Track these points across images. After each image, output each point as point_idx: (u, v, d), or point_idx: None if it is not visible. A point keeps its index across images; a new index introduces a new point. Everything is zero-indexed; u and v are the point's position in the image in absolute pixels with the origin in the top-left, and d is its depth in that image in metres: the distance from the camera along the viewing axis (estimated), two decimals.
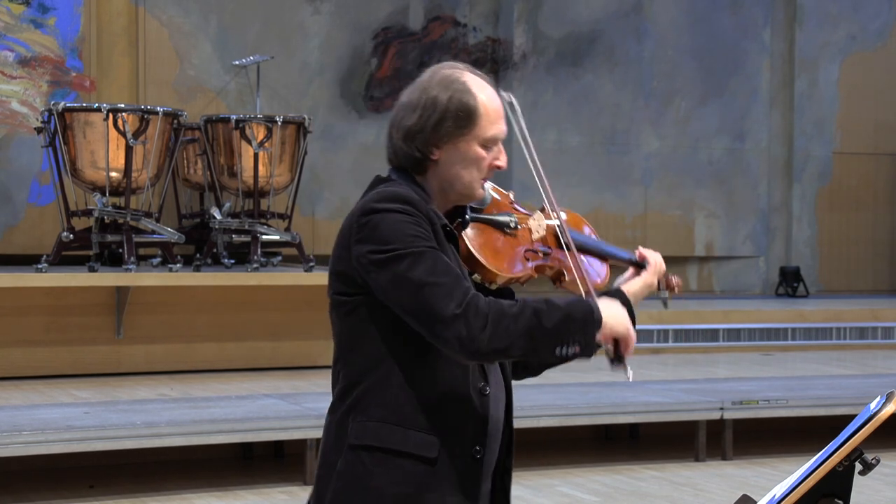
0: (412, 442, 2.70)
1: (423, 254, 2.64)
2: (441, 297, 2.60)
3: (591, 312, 2.71)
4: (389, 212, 2.68)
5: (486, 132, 2.78)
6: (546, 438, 7.96)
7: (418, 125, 2.76)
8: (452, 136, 2.76)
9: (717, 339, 10.73)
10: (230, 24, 11.08)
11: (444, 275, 2.63)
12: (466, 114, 2.76)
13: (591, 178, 12.38)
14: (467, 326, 2.59)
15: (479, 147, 2.79)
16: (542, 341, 2.65)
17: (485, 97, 2.79)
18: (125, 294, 8.65)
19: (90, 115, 8.88)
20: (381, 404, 2.71)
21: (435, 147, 2.77)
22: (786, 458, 7.66)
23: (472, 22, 12.12)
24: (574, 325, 2.67)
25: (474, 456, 2.75)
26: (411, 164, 2.79)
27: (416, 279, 2.62)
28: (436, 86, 2.78)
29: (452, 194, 2.81)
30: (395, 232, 2.65)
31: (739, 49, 13.03)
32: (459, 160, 2.78)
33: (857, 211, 13.65)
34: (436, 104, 2.76)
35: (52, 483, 6.79)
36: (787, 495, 2.49)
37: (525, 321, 2.62)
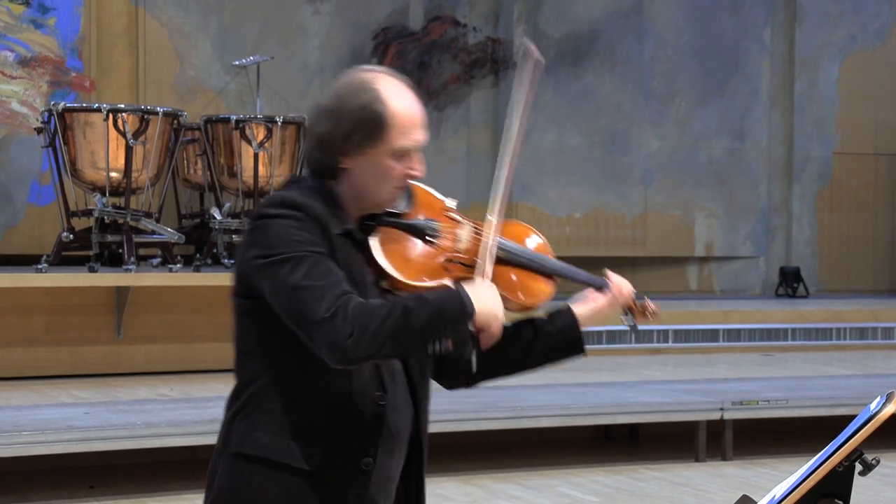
0: (292, 453, 2.64)
1: (303, 258, 2.59)
2: (313, 301, 2.55)
3: (463, 306, 2.61)
4: (278, 217, 2.63)
5: (397, 143, 2.69)
6: (546, 438, 7.96)
7: (328, 134, 2.71)
8: (361, 146, 2.68)
9: (717, 339, 10.73)
10: (230, 24, 11.08)
11: (320, 278, 2.57)
12: (376, 124, 2.67)
13: (591, 178, 12.38)
14: (334, 331, 2.52)
15: (390, 159, 2.69)
16: (413, 340, 2.58)
17: (398, 106, 2.69)
18: (125, 294, 8.65)
19: (90, 116, 8.88)
20: (265, 411, 2.67)
21: (343, 156, 2.70)
22: (786, 458, 7.66)
23: (472, 22, 12.12)
24: (444, 320, 2.59)
25: (362, 468, 2.68)
26: (323, 170, 2.74)
27: (292, 283, 2.57)
28: (348, 92, 2.72)
29: (363, 202, 2.74)
30: (281, 237, 2.61)
31: (739, 49, 13.03)
32: (369, 171, 2.70)
33: (857, 211, 13.65)
34: (344, 112, 2.69)
35: (53, 483, 6.80)
36: (787, 495, 2.49)
37: (393, 322, 2.55)
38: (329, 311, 2.53)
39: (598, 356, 10.13)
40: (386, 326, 2.54)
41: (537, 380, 8.80)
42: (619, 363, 9.82)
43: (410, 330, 2.56)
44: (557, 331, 2.92)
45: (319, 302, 2.54)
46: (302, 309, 2.56)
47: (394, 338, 2.55)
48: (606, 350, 10.26)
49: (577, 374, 9.18)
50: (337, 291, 2.56)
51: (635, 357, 10.22)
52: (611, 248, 12.50)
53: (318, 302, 2.54)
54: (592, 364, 9.71)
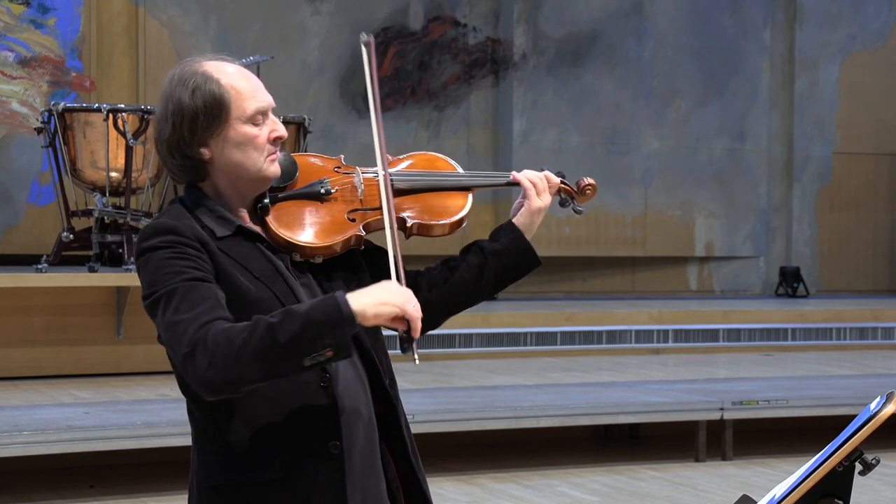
0: (254, 468, 2.60)
1: (174, 291, 2.53)
2: (178, 337, 2.49)
3: (337, 310, 2.45)
4: (153, 249, 2.58)
5: (246, 110, 2.66)
6: (546, 438, 7.96)
7: (175, 133, 2.64)
8: (212, 128, 2.63)
9: (717, 339, 10.73)
10: (230, 24, 11.08)
11: (188, 310, 2.50)
12: (216, 102, 2.63)
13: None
14: (193, 365, 2.45)
15: (247, 126, 2.66)
16: (283, 357, 2.45)
17: (229, 78, 2.67)
18: (125, 294, 8.65)
19: (90, 116, 8.88)
20: (214, 439, 2.64)
21: (201, 147, 2.64)
22: (786, 458, 7.66)
23: (472, 22, 12.12)
24: (316, 330, 2.44)
25: (331, 453, 2.62)
26: (189, 174, 2.68)
27: (164, 322, 2.54)
28: (175, 88, 2.65)
29: (244, 184, 2.67)
30: (156, 272, 2.57)
31: (739, 49, 13.03)
32: (232, 147, 2.64)
33: (857, 211, 13.65)
34: (181, 105, 2.63)
35: (53, 483, 6.79)
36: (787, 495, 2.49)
37: (256, 343, 2.43)
38: (189, 345, 2.47)
39: (598, 356, 10.13)
40: (248, 349, 2.43)
41: (537, 380, 8.82)
42: (619, 363, 9.82)
43: (277, 346, 2.43)
44: (504, 246, 2.88)
45: (182, 337, 2.48)
46: (172, 349, 2.53)
47: (260, 359, 2.44)
48: (606, 350, 10.27)
49: (577, 374, 9.18)
50: (200, 322, 2.48)
51: (635, 357, 10.22)
52: (611, 248, 12.50)
53: (182, 338, 2.48)
54: (592, 364, 9.72)
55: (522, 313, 10.05)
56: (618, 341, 10.34)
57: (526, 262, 2.91)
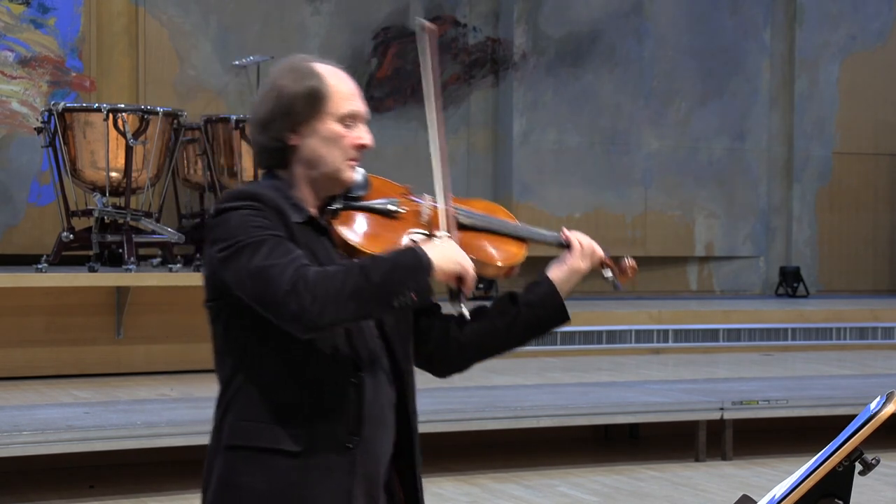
0: (277, 437, 2.71)
1: (263, 241, 2.64)
2: (274, 278, 2.60)
3: (419, 258, 2.65)
4: (234, 209, 2.69)
5: (340, 108, 2.78)
6: (546, 438, 7.96)
7: (270, 114, 2.77)
8: (305, 116, 2.76)
9: (717, 339, 10.73)
10: (230, 24, 11.08)
11: (280, 257, 2.62)
12: (315, 93, 2.76)
13: (591, 178, 12.38)
14: (298, 301, 2.57)
15: (336, 124, 2.78)
16: (375, 297, 2.61)
17: (332, 77, 2.80)
18: (125, 294, 8.65)
19: (90, 115, 8.88)
20: (248, 403, 2.73)
21: (291, 132, 2.76)
22: (786, 458, 7.66)
23: (472, 22, 12.12)
24: (403, 273, 2.63)
25: (347, 447, 2.72)
26: (273, 157, 2.80)
27: (253, 266, 2.62)
28: (282, 76, 2.81)
29: (321, 180, 2.79)
30: (239, 227, 2.67)
31: (739, 49, 13.03)
32: (318, 140, 2.77)
33: (857, 211, 13.65)
34: (283, 91, 2.77)
35: (53, 483, 6.79)
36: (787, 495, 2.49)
37: (353, 281, 2.60)
38: (290, 282, 2.58)
39: (598, 356, 10.13)
40: (347, 287, 2.58)
41: (537, 380, 8.82)
42: (619, 363, 9.82)
43: (371, 286, 2.60)
44: (539, 299, 2.97)
45: (281, 277, 2.59)
46: (265, 288, 2.61)
47: (357, 297, 2.59)
48: (606, 350, 10.27)
49: (577, 374, 9.18)
50: (296, 264, 2.61)
51: (635, 357, 10.22)
52: (611, 248, 12.31)
53: (280, 277, 2.59)
54: (592, 364, 9.72)
55: None
56: (618, 341, 10.34)
57: (556, 317, 3.01)
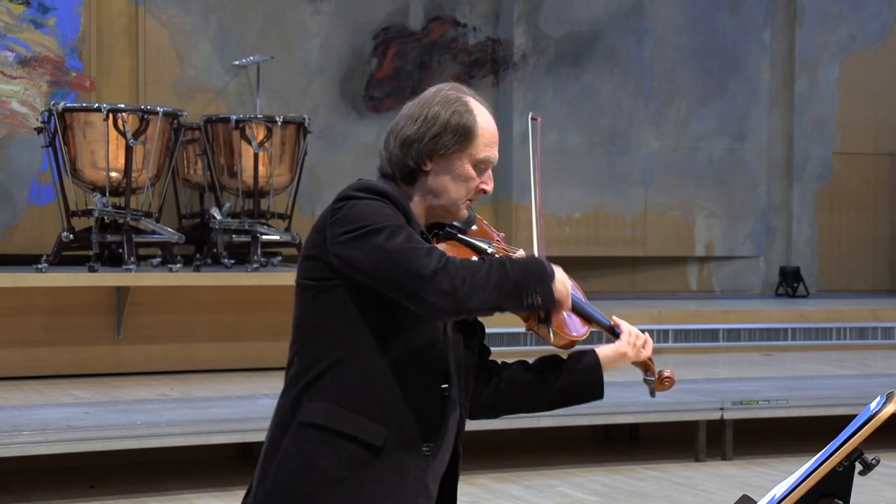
0: (361, 427, 2.75)
1: (399, 227, 2.74)
2: (420, 257, 2.69)
3: (547, 269, 2.82)
4: (365, 199, 2.78)
5: (480, 153, 2.89)
6: (546, 438, 7.96)
7: (417, 135, 2.86)
8: (448, 150, 2.86)
9: (717, 339, 10.73)
10: (230, 24, 11.08)
11: (421, 243, 2.74)
12: (465, 131, 2.87)
13: (591, 178, 12.38)
14: (450, 279, 2.68)
15: (471, 166, 2.88)
16: (512, 292, 2.75)
17: (483, 120, 2.91)
18: (125, 294, 8.65)
19: (90, 115, 8.88)
20: (336, 388, 2.77)
21: (429, 158, 2.86)
22: (786, 458, 7.66)
23: (472, 22, 12.12)
24: (534, 276, 2.78)
25: (422, 452, 2.79)
26: (403, 172, 2.88)
27: (394, 246, 2.70)
28: (439, 102, 2.89)
29: (437, 208, 2.90)
30: (371, 212, 2.75)
31: (739, 49, 13.03)
32: (450, 174, 2.87)
33: (857, 211, 13.65)
34: (437, 118, 2.87)
35: (53, 483, 6.79)
36: (787, 495, 2.49)
37: (496, 274, 2.73)
38: (440, 262, 2.69)
39: None
40: (492, 277, 2.73)
41: None
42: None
43: (511, 282, 2.75)
44: (581, 369, 3.12)
45: (428, 258, 2.69)
46: (409, 266, 2.69)
47: (498, 288, 2.73)
48: None
49: None
50: (438, 251, 2.74)
51: None
52: (611, 248, 12.50)
53: (427, 258, 2.69)
54: None
55: None
56: None
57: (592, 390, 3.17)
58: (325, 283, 2.80)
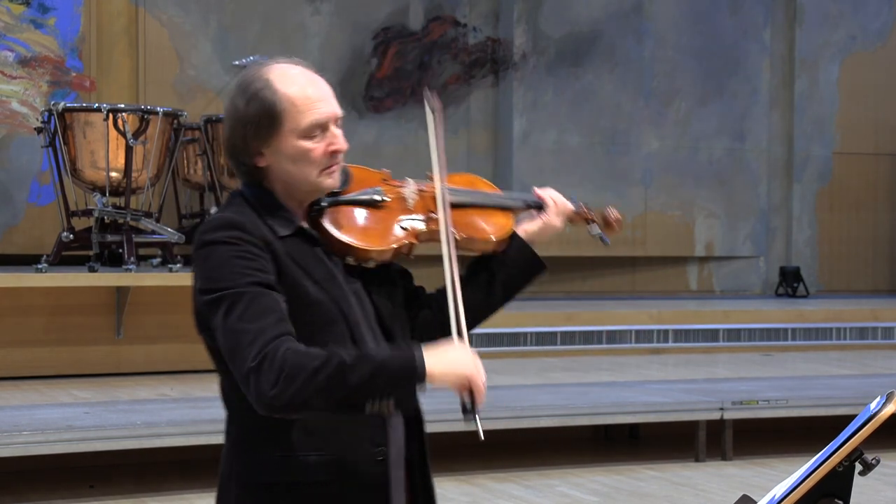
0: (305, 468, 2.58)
1: (241, 295, 2.49)
2: (243, 348, 2.46)
3: (412, 366, 2.49)
4: (218, 243, 2.54)
5: (302, 122, 2.58)
6: (546, 438, 7.96)
7: (232, 138, 2.63)
8: (265, 139, 2.59)
9: (717, 339, 10.73)
10: (230, 24, 11.08)
11: (254, 320, 2.47)
12: (268, 113, 2.57)
13: (591, 178, 12.37)
14: (258, 381, 2.42)
15: (301, 140, 2.59)
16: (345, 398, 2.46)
17: (288, 87, 2.58)
18: (125, 294, 8.65)
19: (90, 115, 8.88)
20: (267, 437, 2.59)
21: (256, 154, 2.62)
22: (786, 458, 7.66)
23: (472, 22, 12.12)
24: (385, 379, 2.47)
25: (376, 458, 2.65)
26: (247, 176, 2.67)
27: (227, 326, 2.50)
28: (236, 93, 2.62)
29: (301, 193, 2.65)
30: (221, 269, 2.53)
31: (739, 49, 13.03)
32: (286, 159, 2.60)
33: (857, 211, 13.65)
34: (237, 113, 2.61)
35: (53, 483, 6.80)
36: (787, 495, 2.49)
37: (325, 377, 2.43)
38: (255, 359, 2.43)
39: (598, 356, 10.13)
40: (317, 380, 2.43)
41: (537, 380, 8.81)
42: (619, 363, 9.82)
43: (344, 387, 2.44)
44: (511, 257, 2.92)
45: (249, 349, 2.45)
46: (234, 356, 2.48)
47: (324, 393, 2.44)
48: (606, 350, 10.26)
49: (577, 374, 9.18)
50: (268, 336, 2.45)
51: (635, 357, 10.21)
52: (611, 248, 12.46)
53: (248, 349, 2.45)
54: (592, 364, 9.72)
55: (522, 313, 10.04)
56: (618, 341, 10.34)
57: (531, 268, 2.95)
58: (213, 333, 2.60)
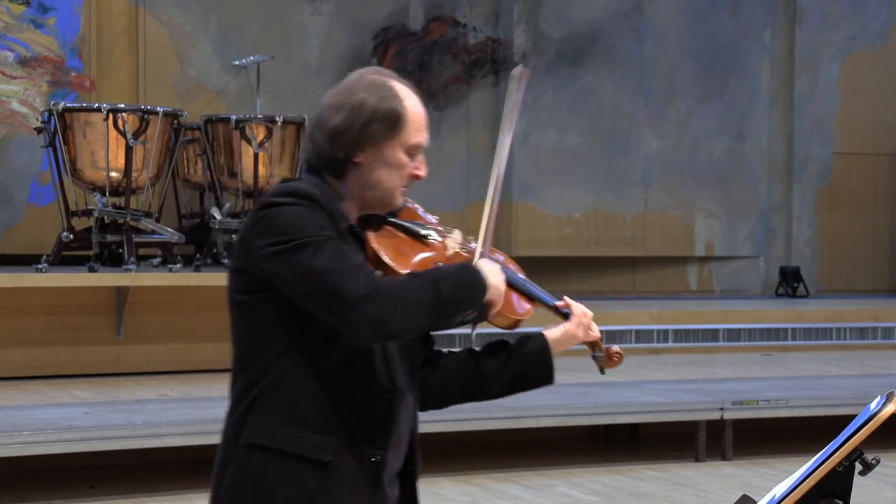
0: (305, 444, 2.66)
1: (325, 242, 2.61)
2: (346, 280, 2.57)
3: (480, 280, 2.72)
4: (288, 205, 2.65)
5: (411, 139, 2.75)
6: (546, 438, 7.96)
7: (344, 125, 2.74)
8: (378, 139, 2.73)
9: (717, 339, 10.73)
10: (230, 24, 11.08)
11: (346, 261, 2.60)
12: (394, 118, 2.73)
13: (591, 178, 12.37)
14: (377, 307, 2.56)
15: (403, 153, 2.75)
16: (444, 311, 2.67)
17: (412, 105, 2.77)
18: (125, 294, 8.65)
19: (90, 115, 8.88)
20: (278, 404, 2.67)
21: (359, 150, 2.73)
22: (786, 458, 7.66)
23: (472, 22, 12.12)
24: (468, 292, 2.70)
25: (370, 460, 2.70)
26: (332, 165, 2.76)
27: (320, 266, 2.58)
28: (363, 89, 2.76)
29: (371, 199, 2.77)
30: (295, 223, 2.62)
31: (739, 49, 13.02)
32: (382, 164, 2.74)
33: (857, 211, 13.64)
34: (363, 106, 2.73)
35: (53, 483, 6.80)
36: (787, 495, 2.49)
37: (427, 294, 2.62)
38: (367, 288, 2.57)
39: None
40: (422, 299, 2.62)
41: None
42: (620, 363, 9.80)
43: (442, 300, 2.64)
44: (529, 354, 2.98)
45: (353, 281, 2.57)
46: (336, 291, 2.57)
47: (429, 309, 2.63)
48: None
49: (576, 374, 9.16)
50: (367, 271, 2.62)
51: (635, 357, 10.21)
52: (611, 248, 12.50)
53: (353, 281, 2.57)
54: (592, 364, 9.71)
55: None
56: (618, 341, 10.33)
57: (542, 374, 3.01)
58: (256, 297, 2.67)
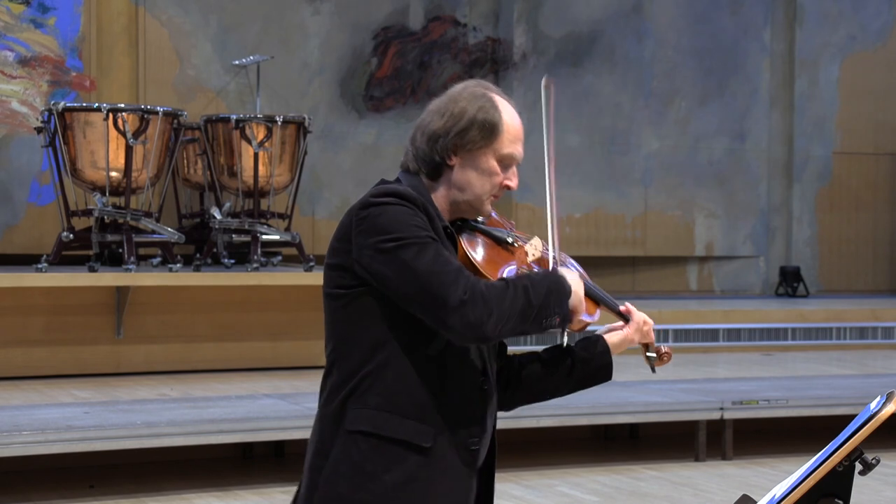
0: (407, 430, 2.76)
1: (426, 244, 2.72)
2: (447, 284, 2.69)
3: (566, 287, 2.84)
4: (389, 205, 2.76)
5: (505, 148, 2.90)
6: (546, 438, 7.96)
7: (443, 129, 2.88)
8: (474, 145, 2.87)
9: (717, 339, 10.73)
10: (230, 24, 11.08)
11: (446, 265, 2.72)
12: (490, 127, 2.87)
13: (591, 178, 12.38)
14: (474, 311, 2.68)
15: (496, 162, 2.89)
16: (534, 318, 2.77)
17: (508, 117, 2.91)
18: (125, 294, 8.65)
19: (90, 115, 8.88)
20: (378, 393, 2.77)
21: (454, 153, 2.88)
22: (786, 458, 7.67)
23: (472, 22, 12.12)
24: (555, 299, 2.81)
25: (469, 448, 2.83)
26: (428, 167, 2.90)
27: (421, 268, 2.70)
28: (465, 98, 2.90)
29: (461, 203, 2.91)
30: (398, 222, 2.74)
31: (739, 49, 13.03)
32: (475, 168, 2.88)
33: (857, 211, 13.65)
34: (464, 113, 2.88)
35: (53, 483, 6.80)
36: (787, 495, 2.49)
37: (520, 301, 2.74)
38: (465, 293, 2.69)
39: None
40: (516, 305, 2.73)
41: None
42: (619, 363, 9.72)
43: (532, 307, 2.76)
44: (592, 357, 3.16)
45: (454, 286, 2.69)
46: (435, 293, 2.69)
47: (521, 316, 2.74)
48: None
49: None
50: (465, 275, 2.73)
51: (635, 357, 10.18)
52: (611, 248, 12.50)
53: (453, 286, 2.69)
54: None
55: None
56: None
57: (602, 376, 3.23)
58: (354, 292, 2.79)
